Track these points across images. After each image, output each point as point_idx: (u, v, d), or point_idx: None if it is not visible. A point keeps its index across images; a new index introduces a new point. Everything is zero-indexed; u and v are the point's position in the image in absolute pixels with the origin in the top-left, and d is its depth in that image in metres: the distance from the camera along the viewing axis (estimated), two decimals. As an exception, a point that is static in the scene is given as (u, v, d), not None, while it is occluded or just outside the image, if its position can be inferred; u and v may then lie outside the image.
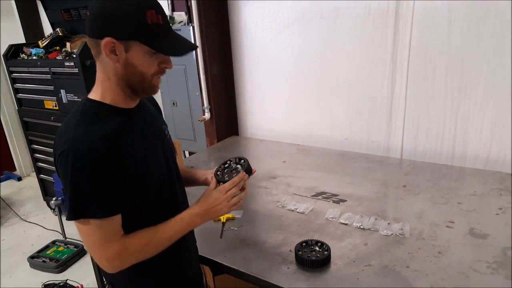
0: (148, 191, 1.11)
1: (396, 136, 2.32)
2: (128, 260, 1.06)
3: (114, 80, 1.03)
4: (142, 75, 1.02)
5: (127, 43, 0.97)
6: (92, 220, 0.98)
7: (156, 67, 1.02)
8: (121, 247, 1.02)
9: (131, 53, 0.98)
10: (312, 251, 1.35)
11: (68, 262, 2.98)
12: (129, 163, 1.03)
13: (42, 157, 3.66)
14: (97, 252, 1.03)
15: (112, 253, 1.02)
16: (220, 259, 1.41)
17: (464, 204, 1.69)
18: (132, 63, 1.00)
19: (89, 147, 0.96)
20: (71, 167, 0.95)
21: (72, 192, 0.97)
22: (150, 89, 1.06)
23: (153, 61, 1.01)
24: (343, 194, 1.84)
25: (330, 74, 2.43)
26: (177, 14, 2.63)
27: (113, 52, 0.98)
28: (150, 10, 0.96)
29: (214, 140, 2.82)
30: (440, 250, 1.38)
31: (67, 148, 0.95)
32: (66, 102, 3.12)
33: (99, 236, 1.00)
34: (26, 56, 3.34)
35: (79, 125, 0.99)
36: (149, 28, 0.96)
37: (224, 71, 2.80)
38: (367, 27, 2.21)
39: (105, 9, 0.96)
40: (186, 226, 1.13)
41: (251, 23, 2.64)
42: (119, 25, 0.96)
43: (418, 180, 1.95)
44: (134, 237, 1.05)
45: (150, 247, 1.08)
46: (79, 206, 0.97)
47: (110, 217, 1.00)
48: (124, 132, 1.05)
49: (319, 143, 2.58)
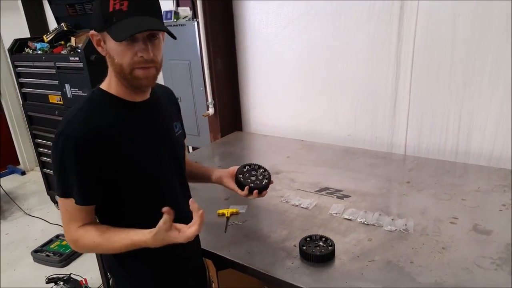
0: (141, 186, 1.11)
1: (400, 132, 2.32)
2: (80, 248, 1.10)
3: (111, 71, 1.05)
4: (120, 66, 1.00)
5: (103, 35, 0.99)
6: (66, 200, 1.04)
7: (131, 56, 0.98)
8: (75, 235, 1.06)
9: (107, 44, 1.00)
10: (316, 246, 1.36)
11: (71, 256, 3.00)
12: (122, 156, 1.04)
13: (46, 151, 3.67)
14: (64, 229, 1.09)
15: (69, 236, 1.07)
16: (224, 254, 1.41)
17: (468, 200, 1.69)
18: (111, 54, 1.01)
19: (79, 134, 0.98)
20: (59, 150, 1.00)
21: (57, 173, 1.03)
22: (135, 81, 1.02)
23: (125, 50, 0.97)
24: (347, 190, 1.84)
25: (334, 70, 2.43)
26: (182, 9, 2.63)
27: (99, 44, 1.01)
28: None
29: (217, 135, 2.83)
30: (444, 246, 1.38)
31: (61, 131, 0.99)
32: (70, 96, 3.13)
33: (65, 216, 1.07)
34: (31, 51, 3.35)
35: (80, 112, 1.02)
36: (110, 15, 0.95)
37: (228, 66, 2.80)
38: (371, 22, 2.20)
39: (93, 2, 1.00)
40: (135, 247, 1.04)
41: (255, 18, 2.64)
42: (93, 17, 0.99)
43: (421, 176, 1.95)
44: (89, 232, 1.06)
45: (99, 249, 1.12)
46: (61, 187, 1.03)
47: (80, 205, 1.04)
48: (122, 125, 1.06)
49: (323, 139, 2.58)
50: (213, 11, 2.57)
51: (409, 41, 2.12)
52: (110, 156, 1.02)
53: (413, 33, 2.09)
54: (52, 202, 3.91)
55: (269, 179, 1.39)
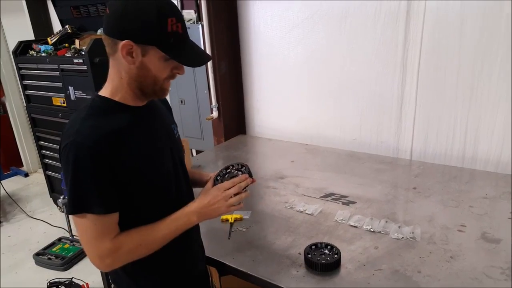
0: (151, 190, 1.10)
1: (406, 137, 2.29)
2: (120, 259, 1.05)
3: (126, 79, 1.03)
4: (154, 79, 1.03)
5: (145, 47, 0.98)
6: (88, 215, 0.98)
7: (168, 72, 1.04)
8: (114, 246, 1.01)
9: (148, 57, 0.99)
10: (321, 254, 1.34)
11: (73, 260, 2.98)
12: (133, 160, 1.03)
13: (50, 153, 3.67)
14: (90, 248, 1.02)
15: (104, 251, 1.01)
16: (228, 261, 1.39)
17: (476, 207, 1.66)
18: (146, 67, 1.00)
19: (92, 142, 0.96)
20: (72, 160, 0.95)
21: (72, 186, 0.97)
22: (160, 92, 1.08)
23: (166, 66, 1.02)
24: (352, 196, 1.82)
25: (339, 74, 2.41)
26: (186, 12, 2.61)
27: (130, 55, 0.98)
28: (172, 18, 0.96)
29: (221, 139, 2.81)
30: (452, 254, 1.36)
31: (71, 142, 0.96)
32: (74, 99, 3.12)
33: (93, 232, 1.00)
34: (35, 53, 3.34)
35: (86, 120, 1.00)
36: (168, 36, 0.97)
37: (233, 69, 2.78)
38: (377, 26, 2.18)
39: (127, 10, 0.95)
40: (182, 225, 1.10)
41: (260, 21, 2.62)
42: (140, 29, 0.96)
43: (428, 182, 1.92)
44: (128, 235, 1.04)
45: (143, 247, 1.06)
46: (77, 200, 0.97)
47: (106, 214, 1.00)
48: (130, 129, 1.05)
49: (328, 143, 2.56)
50: (217, 14, 2.56)
51: (416, 45, 2.10)
52: (122, 161, 1.00)
53: (420, 37, 2.07)
54: (55, 204, 3.90)
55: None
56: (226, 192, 1.12)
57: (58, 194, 3.70)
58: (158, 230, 1.07)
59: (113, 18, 0.97)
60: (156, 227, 1.07)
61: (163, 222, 1.08)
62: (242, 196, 1.15)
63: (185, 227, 1.11)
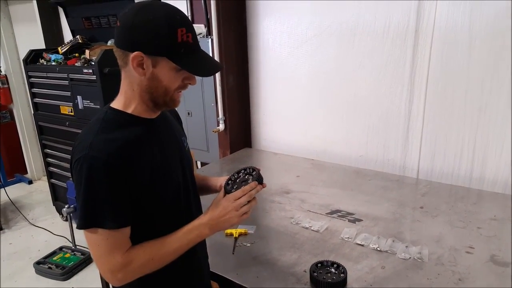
0: (163, 202, 1.09)
1: (413, 155, 2.28)
2: (132, 273, 1.03)
3: (138, 91, 1.03)
4: (165, 89, 1.02)
5: (155, 59, 0.98)
6: (100, 230, 0.97)
7: (179, 83, 1.03)
8: (126, 260, 1.00)
9: (158, 68, 0.99)
10: (327, 273, 1.31)
11: (74, 270, 2.96)
12: (145, 173, 1.02)
13: (55, 161, 3.67)
14: (101, 262, 1.01)
15: (116, 265, 0.99)
16: (232, 277, 1.37)
17: (484, 228, 1.64)
18: (157, 78, 1.00)
19: (106, 155, 0.95)
20: (85, 174, 0.94)
21: (84, 200, 0.96)
22: (171, 103, 1.07)
23: (178, 76, 1.02)
24: (359, 213, 1.80)
25: (346, 90, 2.41)
26: (197, 26, 2.65)
27: (141, 66, 0.98)
28: (181, 28, 0.96)
29: (227, 151, 2.81)
30: (460, 277, 1.33)
31: (84, 155, 0.95)
32: (82, 108, 3.14)
33: (105, 246, 0.98)
34: (46, 62, 3.39)
35: (99, 133, 0.99)
36: (178, 46, 0.97)
37: (240, 83, 2.80)
38: (386, 44, 2.19)
39: (137, 22, 0.96)
40: (194, 238, 1.08)
41: (269, 37, 2.65)
42: (150, 41, 0.96)
43: (435, 201, 1.90)
44: (140, 250, 1.03)
45: (155, 261, 1.04)
46: (89, 215, 0.96)
47: (119, 228, 0.99)
48: (143, 142, 1.04)
49: (334, 159, 2.54)
50: (227, 28, 2.59)
51: (424, 64, 2.10)
52: (135, 174, 0.99)
53: (428, 56, 2.08)
54: (58, 213, 3.89)
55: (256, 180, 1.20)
56: (237, 202, 1.09)
57: (61, 203, 3.69)
58: (170, 244, 1.05)
59: (124, 30, 0.97)
60: (168, 240, 1.06)
61: (175, 236, 1.07)
62: (252, 204, 1.12)
63: (197, 239, 1.09)
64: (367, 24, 2.22)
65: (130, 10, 0.97)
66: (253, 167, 1.21)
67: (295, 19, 2.49)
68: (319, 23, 2.40)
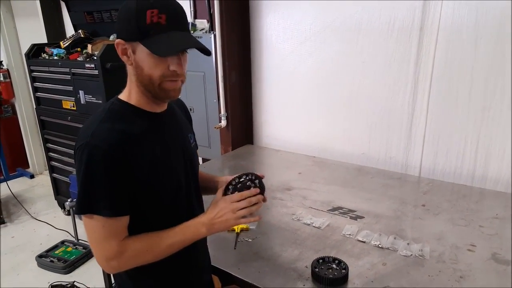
0: (161, 202, 1.09)
1: (415, 154, 2.27)
2: (126, 262, 1.04)
3: (134, 81, 1.04)
4: (149, 77, 1.00)
5: (132, 44, 0.98)
6: (96, 217, 0.98)
7: (163, 70, 0.99)
8: (120, 248, 1.01)
9: (137, 55, 0.99)
10: (329, 269, 1.32)
11: (76, 263, 2.97)
12: (143, 171, 1.02)
13: (56, 156, 3.68)
14: (97, 249, 1.02)
15: (111, 253, 1.00)
16: (233, 271, 1.38)
17: (486, 227, 1.64)
18: (139, 65, 1.00)
19: (107, 145, 0.96)
20: (85, 162, 0.95)
21: (83, 186, 0.97)
22: (162, 93, 1.03)
23: (158, 63, 0.98)
24: (360, 210, 1.80)
25: (349, 88, 2.41)
26: (199, 22, 2.64)
27: (125, 54, 0.99)
28: (152, 10, 0.93)
29: (228, 148, 2.81)
30: (461, 274, 1.33)
31: (85, 143, 0.96)
32: (84, 103, 3.14)
33: (101, 233, 0.99)
34: (48, 56, 3.39)
35: (102, 122, 1.00)
36: (147, 28, 0.94)
37: (243, 79, 2.80)
38: (390, 42, 2.19)
39: (120, 10, 0.98)
40: (191, 235, 1.08)
41: (272, 33, 2.64)
42: (123, 26, 0.97)
43: (437, 200, 1.90)
44: (136, 240, 1.04)
45: (149, 253, 1.05)
46: (87, 201, 0.97)
47: (115, 217, 0.99)
48: (144, 136, 1.04)
49: (336, 156, 2.54)
50: (230, 25, 2.58)
51: (428, 62, 2.09)
52: (133, 168, 1.00)
53: (432, 54, 2.07)
54: (60, 207, 3.91)
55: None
56: (234, 205, 1.08)
57: (63, 197, 3.70)
58: (166, 238, 1.06)
59: (116, 21, 1.01)
60: (165, 234, 1.06)
61: (172, 231, 1.07)
62: (252, 209, 1.10)
63: (194, 238, 1.09)
64: (371, 21, 2.22)
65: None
66: (257, 174, 1.17)
67: (298, 15, 2.48)
68: (322, 19, 2.39)
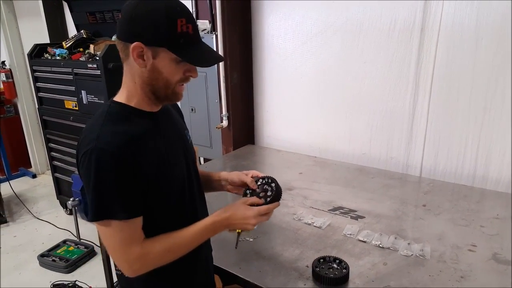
0: (168, 196, 1.10)
1: (416, 154, 2.28)
2: (148, 264, 1.04)
3: (139, 83, 1.04)
4: (166, 82, 1.02)
5: (155, 49, 0.98)
6: (114, 222, 0.97)
7: (181, 75, 1.03)
8: (142, 251, 1.01)
9: (158, 60, 0.99)
10: (330, 268, 1.32)
11: (77, 263, 2.99)
12: (151, 167, 1.03)
13: (59, 156, 3.69)
14: (118, 254, 1.01)
15: (133, 256, 1.01)
16: (235, 271, 1.39)
17: (487, 227, 1.64)
18: (158, 69, 1.00)
19: (113, 148, 0.95)
20: (94, 167, 0.94)
21: (95, 193, 0.96)
22: (173, 96, 1.06)
23: (178, 68, 1.01)
24: (361, 210, 1.80)
25: (351, 88, 2.41)
26: (201, 22, 2.65)
27: (141, 57, 0.98)
28: (181, 19, 0.96)
29: (230, 148, 2.82)
30: (462, 274, 1.34)
31: (91, 148, 0.95)
32: (86, 103, 3.15)
33: (120, 238, 0.99)
34: (50, 56, 3.40)
35: (104, 126, 0.99)
36: (178, 37, 0.96)
37: (244, 80, 2.80)
38: (391, 42, 2.19)
39: (137, 13, 0.96)
40: (209, 233, 1.12)
41: (273, 33, 2.65)
42: (149, 31, 0.96)
43: (438, 200, 1.91)
44: (156, 241, 1.04)
45: (171, 252, 1.06)
46: (101, 207, 0.97)
47: (132, 219, 0.99)
48: (147, 135, 1.05)
49: (337, 157, 2.55)
50: (232, 25, 2.59)
51: (429, 62, 2.10)
52: (141, 167, 1.00)
53: (433, 54, 2.07)
54: (61, 206, 3.92)
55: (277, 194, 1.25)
56: (259, 218, 1.14)
57: (65, 197, 3.71)
58: (186, 237, 1.07)
59: (124, 22, 0.98)
60: (184, 233, 1.07)
61: (191, 229, 1.09)
62: (263, 219, 1.18)
63: (211, 235, 1.13)
64: (372, 21, 2.22)
65: (131, 2, 0.98)
66: (272, 178, 1.25)
67: (300, 16, 2.49)
68: (324, 20, 2.40)
